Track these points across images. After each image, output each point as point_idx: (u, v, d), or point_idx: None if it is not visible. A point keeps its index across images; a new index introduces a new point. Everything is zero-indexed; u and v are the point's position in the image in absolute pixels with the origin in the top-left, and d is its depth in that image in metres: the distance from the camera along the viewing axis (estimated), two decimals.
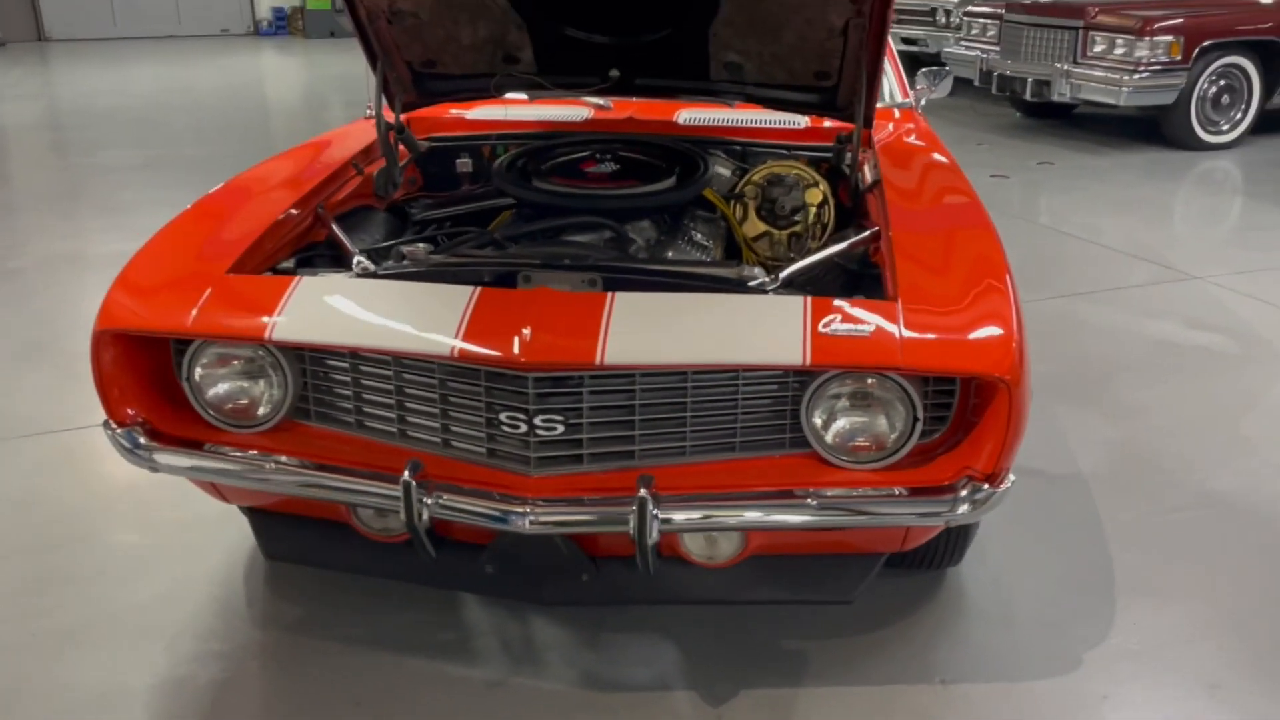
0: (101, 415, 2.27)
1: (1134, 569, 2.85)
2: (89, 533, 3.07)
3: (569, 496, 2.08)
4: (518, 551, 2.16)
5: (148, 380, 2.27)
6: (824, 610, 2.65)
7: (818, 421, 2.12)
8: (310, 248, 2.65)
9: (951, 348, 2.03)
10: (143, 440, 2.20)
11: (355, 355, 2.17)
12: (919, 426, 2.09)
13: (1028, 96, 8.34)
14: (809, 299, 2.11)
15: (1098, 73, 7.79)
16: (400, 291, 2.18)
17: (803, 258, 2.82)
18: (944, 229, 2.54)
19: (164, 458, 2.21)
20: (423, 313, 2.10)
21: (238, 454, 2.20)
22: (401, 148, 3.12)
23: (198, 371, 2.23)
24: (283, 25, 18.24)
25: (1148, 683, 2.44)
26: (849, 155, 2.94)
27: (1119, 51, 7.66)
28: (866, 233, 2.54)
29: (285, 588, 2.78)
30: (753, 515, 2.05)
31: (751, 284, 2.24)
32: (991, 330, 2.06)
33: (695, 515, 2.04)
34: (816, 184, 3.03)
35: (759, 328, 2.06)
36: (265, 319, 2.12)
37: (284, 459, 2.18)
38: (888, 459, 2.13)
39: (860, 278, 2.53)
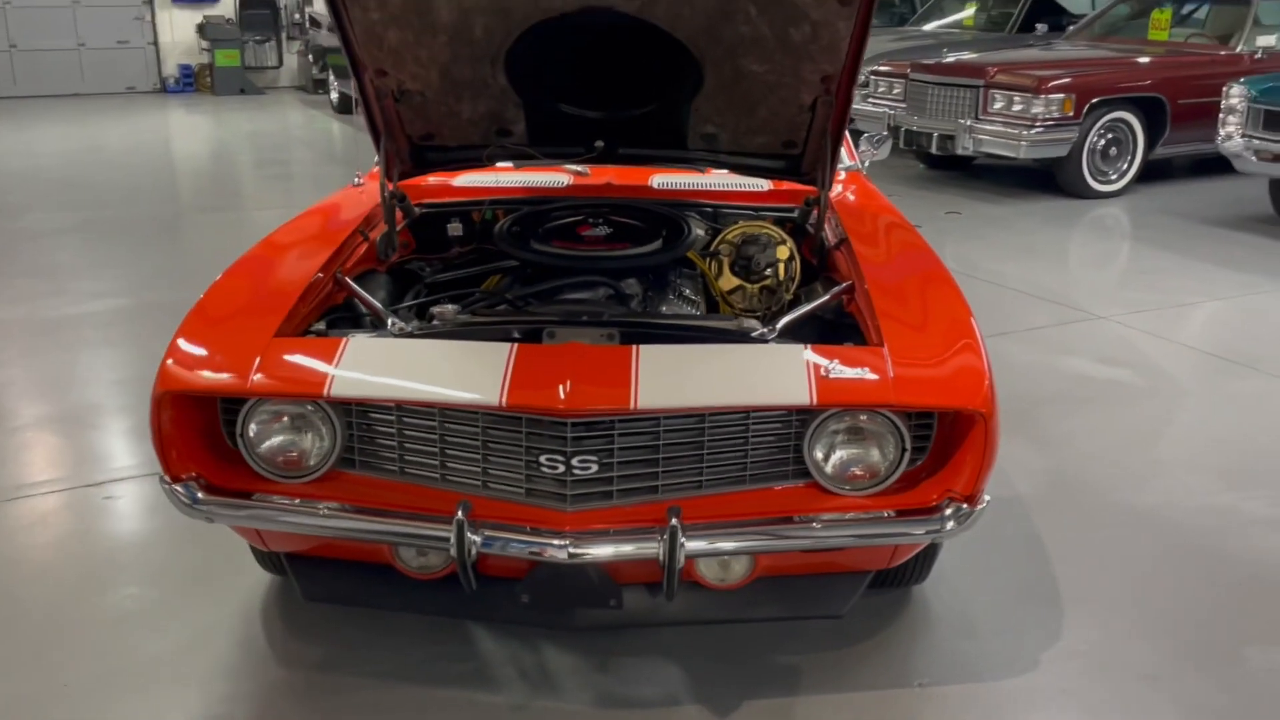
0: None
1: (1073, 579, 3.20)
2: (101, 586, 3.20)
3: (602, 529, 2.33)
4: (552, 581, 2.40)
5: (201, 437, 2.46)
6: (812, 627, 2.94)
7: (819, 455, 2.41)
8: (332, 310, 2.87)
9: (936, 385, 2.36)
10: (200, 495, 2.39)
11: (400, 407, 2.40)
12: (907, 456, 2.40)
13: (933, 150, 8.89)
14: (808, 346, 2.42)
15: (998, 128, 8.36)
16: (442, 349, 2.42)
17: (774, 308, 3.14)
18: (910, 280, 2.88)
19: (222, 510, 2.40)
20: (468, 368, 2.35)
21: (293, 503, 2.40)
22: (398, 213, 3.35)
23: (252, 428, 2.42)
24: (190, 82, 18.17)
25: (1096, 677, 2.78)
26: (815, 216, 3.27)
27: (1017, 108, 8.24)
28: (843, 286, 2.86)
29: (304, 630, 2.96)
30: (769, 539, 2.33)
31: (753, 334, 2.54)
32: (967, 370, 2.39)
33: (719, 541, 2.31)
34: (784, 241, 3.35)
35: (768, 373, 2.35)
36: (321, 377, 2.33)
37: (335, 505, 2.38)
38: (879, 485, 2.43)
39: (837, 326, 2.84)
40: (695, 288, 3.26)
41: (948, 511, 2.37)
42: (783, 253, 3.32)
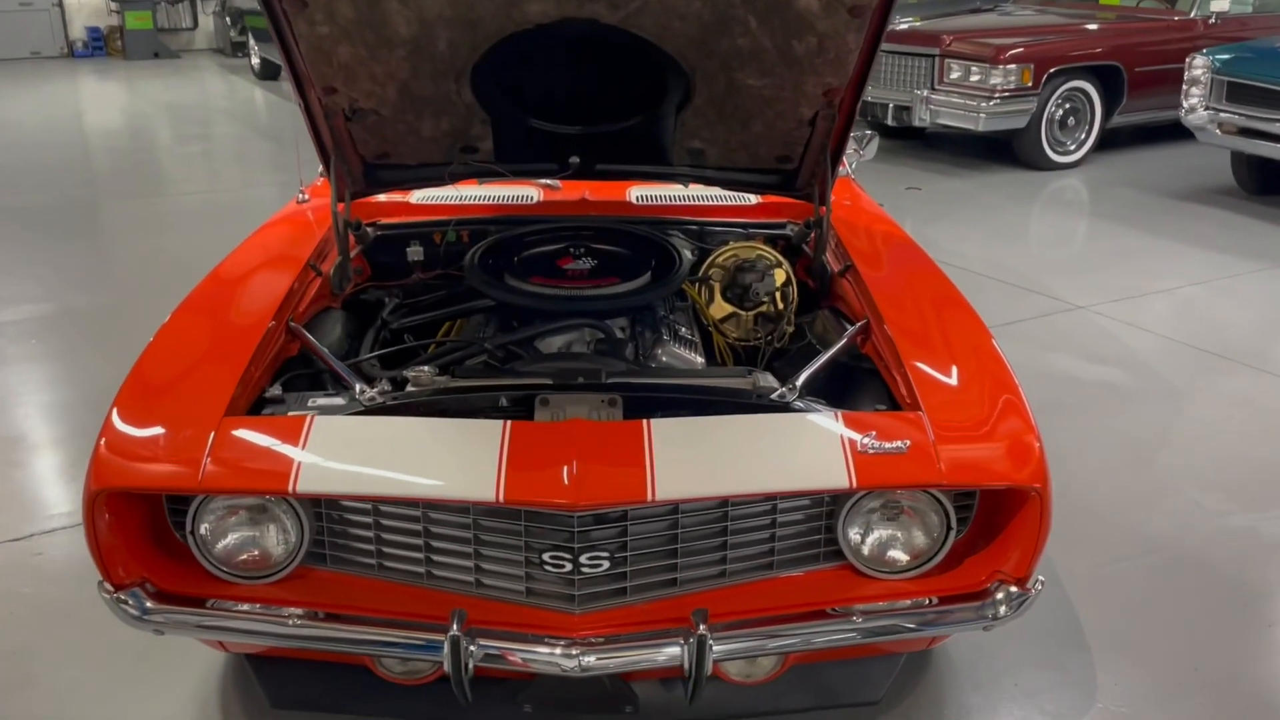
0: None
1: (1100, 624, 2.98)
2: (28, 667, 2.83)
3: (616, 633, 2.04)
4: (559, 689, 2.11)
5: (145, 534, 2.13)
6: None
7: (854, 536, 2.15)
8: (288, 364, 2.53)
9: (986, 461, 2.10)
10: (149, 604, 2.06)
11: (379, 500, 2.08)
12: (953, 535, 2.14)
13: (889, 121, 8.64)
14: (838, 414, 2.14)
15: (955, 99, 8.13)
16: (423, 430, 2.10)
17: (773, 339, 2.86)
18: (929, 313, 2.62)
19: (175, 620, 2.07)
20: (455, 454, 2.03)
21: (257, 611, 2.08)
22: (351, 238, 3.01)
23: (204, 525, 2.09)
24: (99, 46, 17.27)
25: None
26: (814, 238, 2.98)
27: (974, 79, 8.01)
28: (858, 326, 2.58)
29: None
30: (803, 639, 2.06)
31: (774, 396, 2.25)
32: (1017, 439, 2.13)
33: (750, 642, 2.03)
34: (779, 264, 3.06)
35: (799, 451, 2.07)
36: (285, 468, 2.00)
37: (305, 612, 2.07)
38: (921, 567, 2.17)
39: (852, 370, 2.57)
40: (688, 320, 2.96)
41: (999, 595, 2.12)
42: (779, 277, 3.04)
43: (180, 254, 6.33)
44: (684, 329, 2.84)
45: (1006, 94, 7.96)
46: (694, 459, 2.03)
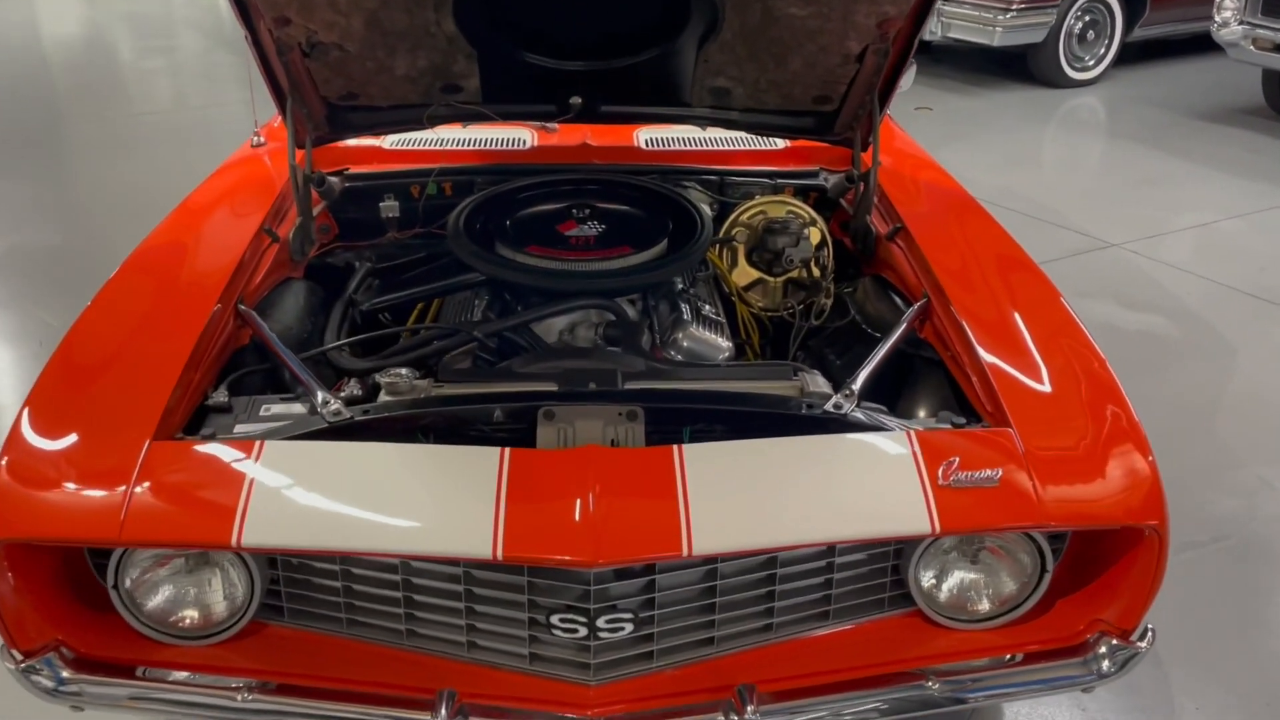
0: None
1: (1173, 631, 2.62)
2: None
3: (642, 709, 1.67)
4: None
5: (60, 587, 1.72)
6: None
7: (927, 580, 1.77)
8: (239, 356, 2.11)
9: (1097, 494, 1.71)
10: (66, 674, 1.66)
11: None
12: (1047, 578, 1.76)
13: None
14: (913, 435, 1.74)
15: (969, 11, 7.58)
16: (400, 461, 1.69)
17: (799, 305, 2.47)
18: (1000, 290, 2.21)
19: (98, 691, 1.68)
20: (440, 493, 1.63)
21: (198, 681, 1.69)
22: (315, 195, 2.57)
23: (129, 578, 1.69)
24: None
25: None
26: (857, 192, 2.56)
27: None
28: (917, 306, 2.18)
29: None
30: (873, 708, 1.69)
31: (828, 406, 1.84)
32: (1131, 464, 1.74)
33: (807, 716, 1.66)
34: (813, 221, 2.64)
35: (866, 484, 1.67)
36: (227, 512, 1.60)
37: (257, 683, 1.68)
38: (1006, 615, 1.79)
39: (909, 360, 2.17)
40: (710, 291, 2.54)
41: (1101, 650, 1.75)
42: (814, 237, 2.62)
43: (140, 181, 5.80)
44: (707, 305, 2.42)
45: (1024, 6, 7.42)
46: (738, 498, 1.63)
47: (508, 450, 1.66)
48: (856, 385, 1.90)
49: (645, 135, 2.90)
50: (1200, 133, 6.86)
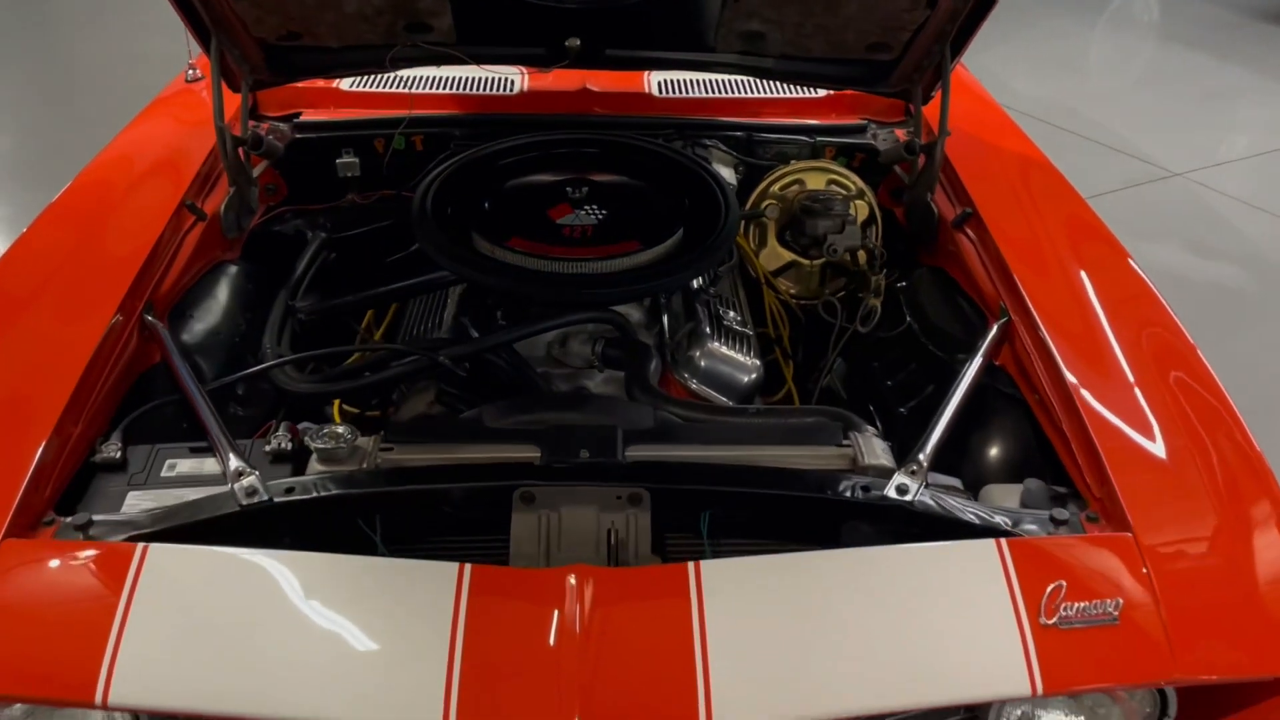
0: None
1: None
2: None
3: None
4: None
5: None
6: None
7: None
8: (145, 382, 1.68)
9: (1245, 633, 1.29)
10: None
11: None
12: None
13: None
14: (1004, 546, 1.31)
15: None
16: (325, 580, 1.27)
17: (837, 297, 2.04)
18: (1110, 315, 1.75)
19: None
20: (375, 635, 1.22)
21: None
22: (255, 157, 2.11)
23: None
24: None
25: None
26: (917, 168, 2.09)
27: None
28: (999, 327, 1.73)
29: None
30: None
31: (890, 491, 1.41)
32: None
33: None
34: (860, 193, 2.18)
35: (945, 625, 1.25)
36: (89, 658, 1.19)
37: None
38: None
39: (982, 392, 1.73)
40: (733, 286, 2.11)
41: None
42: (860, 212, 2.17)
43: (78, 61, 5.23)
44: (731, 312, 1.98)
45: None
46: (773, 651, 1.22)
47: (467, 570, 1.25)
48: (926, 455, 1.47)
49: (658, 80, 2.41)
50: (1266, 36, 6.24)
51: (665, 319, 1.93)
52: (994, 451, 1.69)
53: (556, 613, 1.21)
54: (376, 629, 1.23)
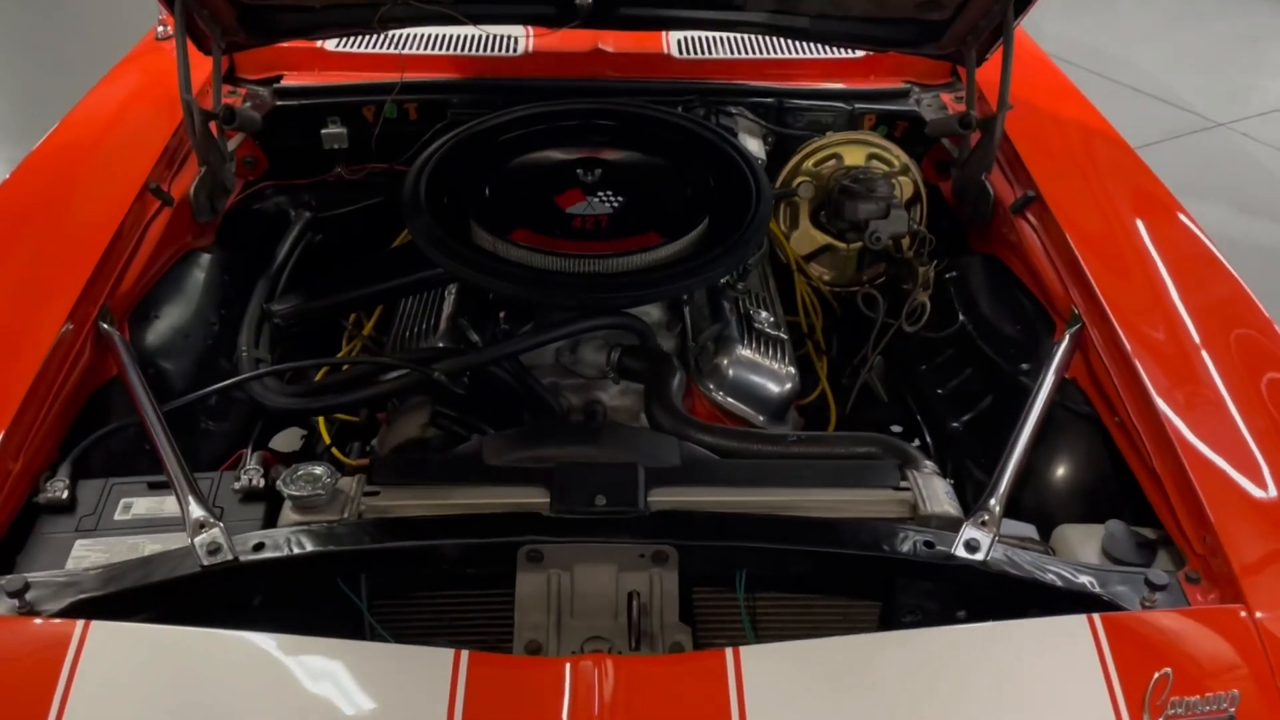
0: None
1: None
2: None
3: None
4: None
5: None
6: None
7: None
8: (99, 400, 1.48)
9: None
10: None
11: None
12: None
13: None
14: (1097, 622, 1.11)
15: None
16: (293, 661, 1.08)
17: (875, 285, 1.84)
18: (1197, 319, 1.54)
19: None
20: None
21: None
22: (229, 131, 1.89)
23: None
24: None
25: None
26: (969, 144, 1.86)
27: None
28: (1072, 335, 1.52)
29: None
30: None
31: (958, 549, 1.21)
32: None
33: None
34: (905, 169, 1.96)
35: None
36: None
37: None
38: None
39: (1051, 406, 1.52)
40: (763, 277, 1.89)
41: None
42: (905, 188, 1.95)
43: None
44: (763, 311, 1.76)
45: None
46: None
47: (464, 659, 1.05)
48: (998, 500, 1.26)
49: (678, 39, 2.17)
50: None
51: (688, 317, 1.72)
52: (1063, 476, 1.50)
53: (568, 713, 1.02)
54: (371, 702, 1.04)
